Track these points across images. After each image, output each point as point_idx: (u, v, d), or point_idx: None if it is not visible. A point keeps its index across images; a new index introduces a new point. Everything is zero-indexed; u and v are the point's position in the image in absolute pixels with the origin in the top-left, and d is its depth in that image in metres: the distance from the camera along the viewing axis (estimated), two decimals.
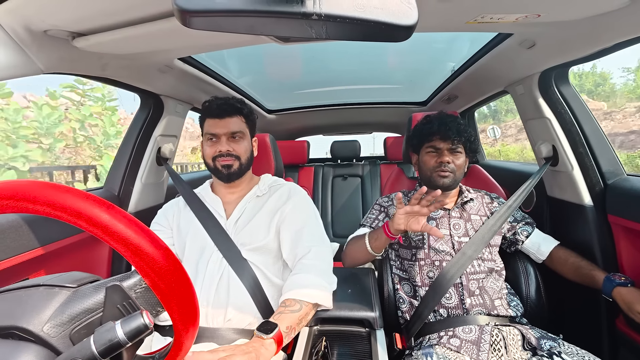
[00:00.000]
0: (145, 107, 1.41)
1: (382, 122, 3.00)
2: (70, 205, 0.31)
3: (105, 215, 0.32)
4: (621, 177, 1.15)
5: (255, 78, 1.93)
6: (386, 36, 0.36)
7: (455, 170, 1.11)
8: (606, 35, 0.90)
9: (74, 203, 0.32)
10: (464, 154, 1.14)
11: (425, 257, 1.09)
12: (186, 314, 0.38)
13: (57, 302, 0.40)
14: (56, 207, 0.31)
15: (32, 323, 0.37)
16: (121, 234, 0.33)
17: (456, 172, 1.11)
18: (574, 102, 1.23)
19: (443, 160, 1.10)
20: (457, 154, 1.12)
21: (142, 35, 0.82)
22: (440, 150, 1.12)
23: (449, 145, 1.11)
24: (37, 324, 0.38)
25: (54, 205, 0.31)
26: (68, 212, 0.31)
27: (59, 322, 0.39)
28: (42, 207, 0.31)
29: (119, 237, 0.33)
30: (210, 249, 0.98)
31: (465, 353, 0.89)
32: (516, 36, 1.04)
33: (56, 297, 0.41)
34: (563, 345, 0.85)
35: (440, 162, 1.11)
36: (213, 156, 1.03)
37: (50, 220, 0.98)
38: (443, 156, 1.11)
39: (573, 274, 1.07)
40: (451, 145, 1.11)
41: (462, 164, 1.13)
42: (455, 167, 1.11)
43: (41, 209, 0.31)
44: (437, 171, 1.11)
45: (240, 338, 0.89)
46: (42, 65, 0.81)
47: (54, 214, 0.31)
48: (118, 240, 0.33)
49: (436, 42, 1.49)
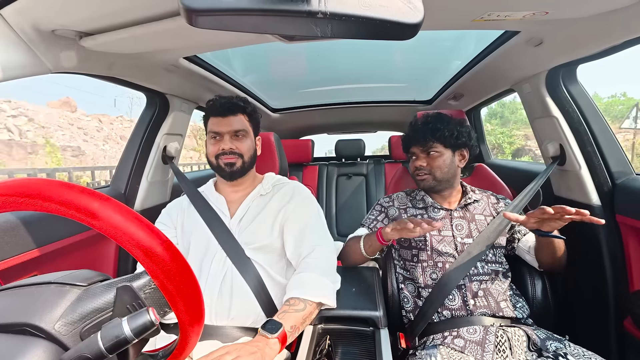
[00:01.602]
0: (151, 106, 1.42)
1: (387, 121, 2.99)
2: (85, 206, 0.32)
3: (118, 217, 0.33)
4: (630, 176, 1.14)
5: (260, 77, 1.93)
6: (392, 34, 0.36)
7: (432, 171, 1.12)
8: (615, 33, 0.89)
9: (88, 203, 0.32)
10: (445, 152, 1.13)
11: (427, 259, 1.09)
12: (192, 314, 0.39)
13: (68, 301, 0.41)
14: (70, 206, 0.32)
15: (44, 320, 0.38)
16: (133, 235, 0.33)
17: (435, 173, 1.12)
18: (582, 100, 1.21)
19: (416, 165, 1.15)
20: (433, 153, 1.13)
21: (149, 35, 0.82)
22: (416, 155, 1.16)
23: (421, 148, 1.14)
24: (48, 322, 0.38)
25: (67, 204, 0.32)
26: (82, 212, 0.32)
27: (70, 320, 0.39)
28: (55, 205, 0.32)
29: (131, 239, 0.33)
30: (214, 248, 0.98)
31: (469, 353, 0.88)
32: (523, 34, 1.02)
33: (67, 295, 0.41)
34: (569, 346, 0.84)
35: (414, 166, 1.16)
36: (216, 154, 1.03)
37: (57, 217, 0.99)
38: (417, 160, 1.15)
39: (545, 252, 1.02)
40: (423, 148, 1.14)
41: (440, 163, 1.12)
42: (432, 169, 1.12)
43: (54, 208, 0.32)
44: (416, 175, 1.17)
45: (244, 336, 0.90)
46: (50, 65, 0.82)
47: (68, 213, 0.32)
48: (129, 242, 0.33)
49: (442, 40, 1.48)
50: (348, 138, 2.69)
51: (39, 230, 0.98)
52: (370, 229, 1.22)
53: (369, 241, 1.11)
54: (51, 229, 1.02)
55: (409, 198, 1.24)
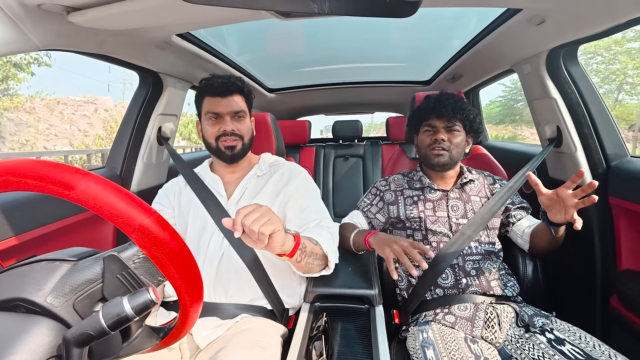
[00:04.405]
0: (145, 86, 1.39)
1: (384, 101, 2.95)
2: (61, 179, 0.33)
3: (96, 187, 0.34)
4: (624, 158, 1.15)
5: (256, 56, 1.88)
6: (391, 11, 0.35)
7: (451, 148, 1.10)
8: (620, 11, 0.86)
9: (66, 177, 0.33)
10: (462, 133, 1.12)
11: (422, 239, 1.10)
12: (187, 280, 0.40)
13: (58, 275, 0.42)
14: (46, 180, 0.34)
15: (36, 295, 0.39)
16: (114, 205, 0.34)
17: (452, 151, 1.10)
18: (581, 81, 1.20)
19: (437, 138, 1.10)
20: (454, 132, 1.11)
21: (139, 10, 0.79)
22: (436, 128, 1.12)
23: (445, 123, 1.10)
24: (40, 296, 0.40)
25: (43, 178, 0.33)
26: (58, 184, 0.33)
27: (61, 292, 0.41)
28: (33, 180, 0.33)
29: (112, 209, 0.34)
30: (212, 229, 0.99)
31: (459, 329, 0.92)
32: (525, 12, 1.00)
33: (58, 270, 0.43)
34: (555, 322, 0.88)
35: (434, 139, 1.11)
36: (216, 135, 1.01)
37: (53, 198, 0.99)
38: (438, 134, 1.11)
39: (539, 238, 1.04)
40: (447, 123, 1.10)
41: (459, 142, 1.11)
42: (451, 145, 1.10)
43: (32, 183, 0.33)
44: (432, 149, 1.11)
45: (242, 313, 0.92)
46: (37, 42, 0.79)
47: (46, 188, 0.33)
48: (110, 212, 0.34)
49: (442, 18, 1.44)
50: (345, 119, 2.67)
51: (36, 211, 0.98)
52: (364, 212, 1.23)
53: (358, 240, 1.11)
54: (49, 209, 1.02)
55: (405, 179, 1.24)
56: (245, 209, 0.65)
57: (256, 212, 0.64)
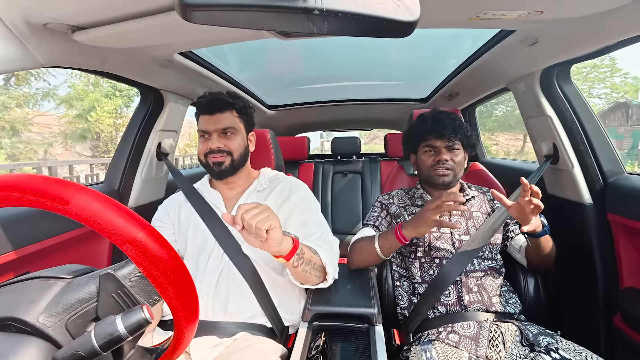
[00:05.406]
0: (146, 102, 1.41)
1: (382, 118, 2.99)
2: (59, 195, 0.33)
3: (95, 204, 0.33)
4: (621, 175, 1.15)
5: (256, 73, 1.92)
6: (388, 32, 0.36)
7: (454, 167, 1.10)
8: (609, 33, 0.89)
9: (62, 192, 0.33)
10: (462, 150, 1.13)
11: (425, 255, 1.09)
12: (183, 300, 0.39)
13: (52, 293, 0.41)
14: (45, 196, 0.33)
15: (28, 314, 0.38)
16: (113, 222, 0.34)
17: (455, 169, 1.11)
18: (575, 100, 1.22)
19: (441, 159, 1.10)
20: (455, 150, 1.11)
21: (142, 29, 0.81)
22: (437, 149, 1.12)
23: (446, 143, 1.11)
24: (32, 315, 0.38)
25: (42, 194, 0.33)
26: (57, 200, 0.33)
27: (54, 312, 0.39)
28: (32, 197, 0.33)
29: (110, 225, 0.34)
30: (212, 245, 0.98)
31: (463, 348, 0.89)
32: (518, 33, 1.03)
33: (51, 288, 0.41)
34: (560, 341, 0.86)
35: (438, 160, 1.11)
36: (205, 153, 1.02)
37: (49, 214, 0.98)
38: (441, 154, 1.10)
39: (529, 251, 1.07)
40: (447, 143, 1.11)
41: (461, 160, 1.12)
42: (454, 164, 1.10)
43: (31, 199, 0.33)
44: (435, 169, 1.11)
45: (241, 331, 0.90)
46: (41, 59, 0.81)
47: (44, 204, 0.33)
48: (107, 229, 0.33)
49: (438, 38, 1.48)
50: (344, 135, 2.69)
51: (31, 227, 0.97)
52: (376, 226, 1.19)
53: (385, 243, 1.03)
54: (44, 225, 1.01)
55: (407, 196, 1.24)
56: (246, 205, 0.68)
57: (256, 209, 0.68)
